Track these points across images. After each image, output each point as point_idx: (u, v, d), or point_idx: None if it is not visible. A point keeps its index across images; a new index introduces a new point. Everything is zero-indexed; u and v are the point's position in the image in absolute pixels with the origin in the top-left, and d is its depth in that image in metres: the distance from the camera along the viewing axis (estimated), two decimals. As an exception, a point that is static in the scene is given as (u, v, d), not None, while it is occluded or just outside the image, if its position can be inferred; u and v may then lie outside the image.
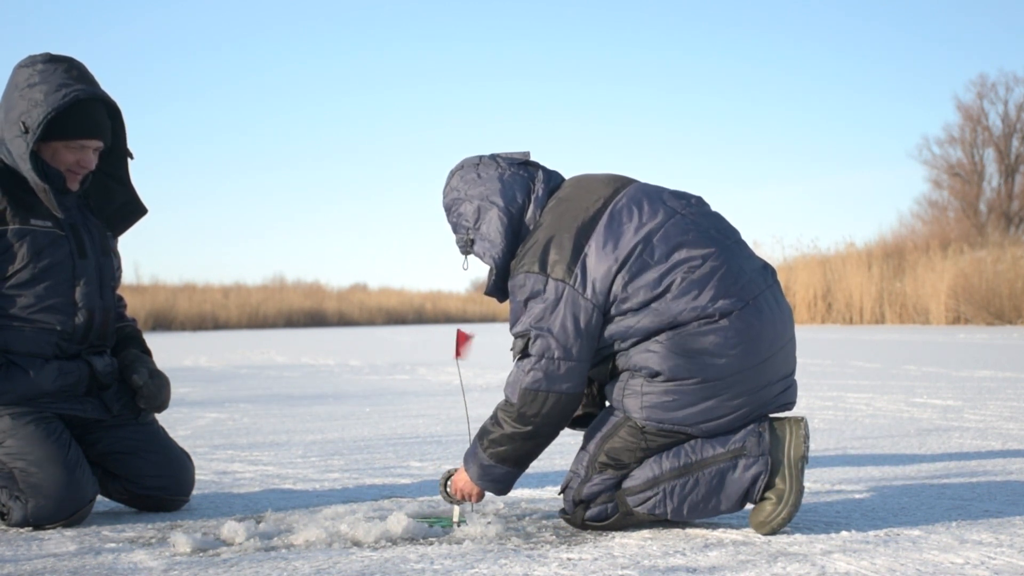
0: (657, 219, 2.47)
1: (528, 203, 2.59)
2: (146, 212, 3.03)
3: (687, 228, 2.47)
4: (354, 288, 39.30)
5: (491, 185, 2.59)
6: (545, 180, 2.62)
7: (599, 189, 2.54)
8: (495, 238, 2.57)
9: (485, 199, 2.59)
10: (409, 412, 5.76)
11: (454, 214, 2.64)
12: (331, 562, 2.22)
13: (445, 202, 2.67)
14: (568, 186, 2.61)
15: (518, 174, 2.62)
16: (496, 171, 2.61)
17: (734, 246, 2.50)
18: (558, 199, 2.56)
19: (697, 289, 2.39)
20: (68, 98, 2.72)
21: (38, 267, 2.77)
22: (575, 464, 2.54)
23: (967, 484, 3.17)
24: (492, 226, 2.57)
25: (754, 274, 2.48)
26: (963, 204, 34.78)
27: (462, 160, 2.69)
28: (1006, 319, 21.11)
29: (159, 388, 2.94)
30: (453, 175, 2.68)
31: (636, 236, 2.43)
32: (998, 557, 2.19)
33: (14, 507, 2.65)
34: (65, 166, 2.81)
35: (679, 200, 2.55)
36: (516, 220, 2.57)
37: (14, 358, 2.76)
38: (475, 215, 2.59)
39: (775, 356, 2.46)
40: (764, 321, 2.43)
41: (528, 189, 2.60)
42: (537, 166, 2.66)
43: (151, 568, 2.21)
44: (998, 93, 34.47)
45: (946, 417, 5.10)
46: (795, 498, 2.40)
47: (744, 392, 2.41)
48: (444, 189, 2.68)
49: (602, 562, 2.19)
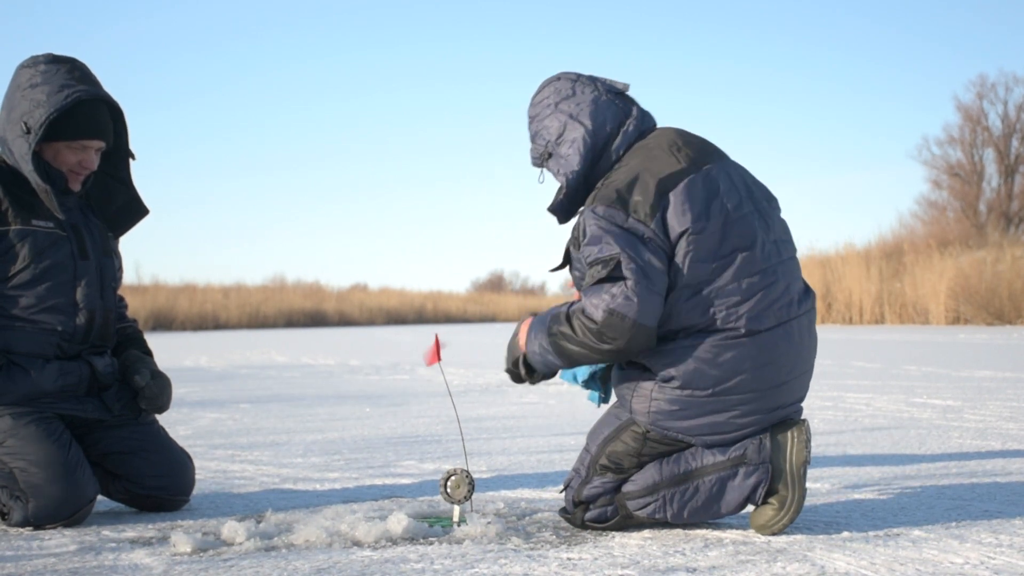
0: (737, 207, 2.40)
1: (616, 134, 2.50)
2: (148, 212, 3.03)
3: (755, 231, 2.40)
4: (354, 288, 39.32)
5: (584, 104, 2.52)
6: (639, 118, 2.54)
7: (691, 148, 2.46)
8: (574, 158, 2.50)
9: (574, 117, 2.51)
10: (409, 412, 5.76)
11: (537, 123, 2.57)
12: (331, 562, 2.22)
13: (531, 110, 2.60)
14: (660, 134, 2.51)
15: (614, 102, 2.53)
16: (592, 93, 2.53)
17: (789, 262, 2.46)
18: (648, 143, 2.48)
19: (739, 297, 2.35)
20: (70, 99, 2.72)
21: (39, 268, 2.77)
22: (577, 462, 2.54)
23: (967, 484, 3.17)
24: (574, 146, 2.50)
25: (796, 296, 2.44)
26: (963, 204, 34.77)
27: (560, 72, 2.60)
28: (1006, 319, 21.10)
29: (161, 389, 2.94)
30: (547, 85, 2.59)
31: (712, 214, 2.37)
32: (998, 557, 2.19)
33: (15, 507, 2.65)
34: (67, 167, 2.81)
35: (761, 194, 2.50)
36: (599, 146, 2.50)
37: (15, 358, 2.76)
38: (560, 130, 2.52)
39: (791, 382, 2.43)
40: (790, 346, 2.40)
41: (620, 121, 2.52)
42: (633, 102, 2.58)
43: (151, 568, 2.21)
44: (998, 93, 34.45)
45: (946, 417, 5.10)
46: (797, 504, 2.39)
47: (754, 412, 2.39)
48: (534, 96, 2.61)
49: (602, 562, 2.19)
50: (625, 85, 2.59)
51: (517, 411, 5.74)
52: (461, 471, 2.61)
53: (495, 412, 5.68)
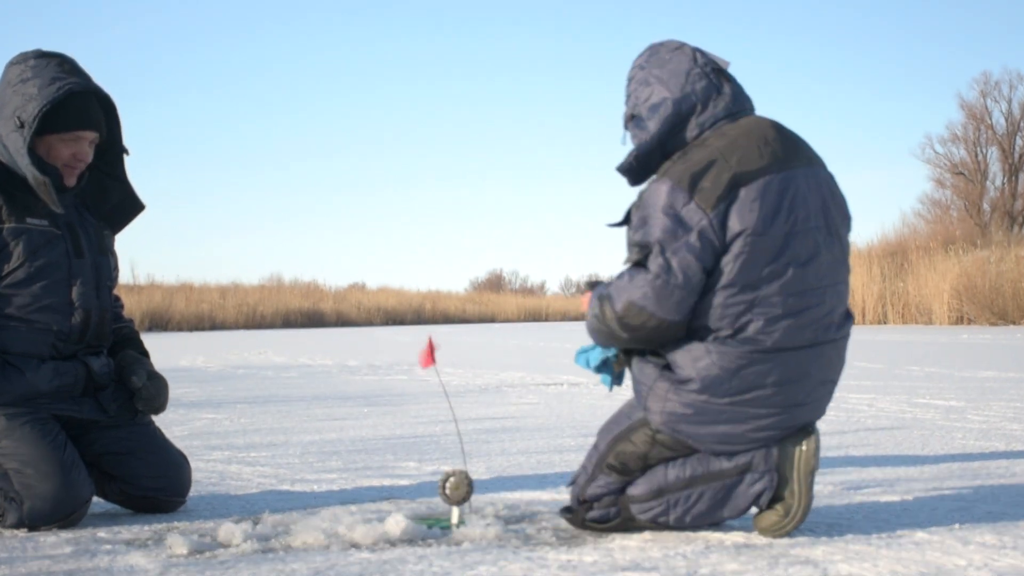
0: (805, 219, 2.35)
1: (702, 110, 2.45)
2: (144, 208, 3.01)
3: (816, 248, 2.35)
4: (352, 288, 39.31)
5: (676, 73, 2.47)
6: (733, 98, 2.47)
7: (780, 145, 2.39)
8: (653, 122, 2.46)
9: (663, 82, 2.47)
10: (407, 413, 5.74)
11: (632, 85, 2.55)
12: (329, 564, 2.20)
13: (629, 72, 2.57)
14: (753, 123, 2.44)
15: (707, 76, 2.47)
16: (687, 64, 2.48)
17: (840, 287, 2.41)
18: (737, 128, 2.41)
19: (780, 311, 2.30)
20: (62, 91, 2.70)
21: (34, 266, 2.75)
22: (586, 459, 2.52)
23: (970, 485, 3.15)
24: (656, 111, 2.46)
25: (836, 319, 2.40)
26: (966, 203, 34.78)
27: (668, 40, 2.57)
28: (1009, 319, 21.10)
29: (157, 390, 2.92)
30: (648, 50, 2.56)
31: (779, 221, 2.31)
32: (1001, 559, 2.17)
33: (9, 509, 2.63)
34: (61, 161, 2.79)
35: (838, 210, 2.44)
36: (681, 118, 2.45)
37: (10, 358, 2.74)
38: (648, 95, 2.49)
39: (813, 404, 2.40)
40: (819, 368, 2.37)
41: (709, 96, 2.45)
42: (731, 80, 2.52)
43: (147, 570, 2.19)
44: (1002, 91, 34.48)
45: (949, 418, 5.08)
46: (802, 513, 2.37)
47: (770, 428, 2.35)
48: (635, 60, 2.58)
49: (602, 564, 2.17)
50: (726, 62, 2.52)
51: (516, 411, 5.72)
52: (460, 472, 2.59)
53: (494, 413, 5.66)
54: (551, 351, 13.48)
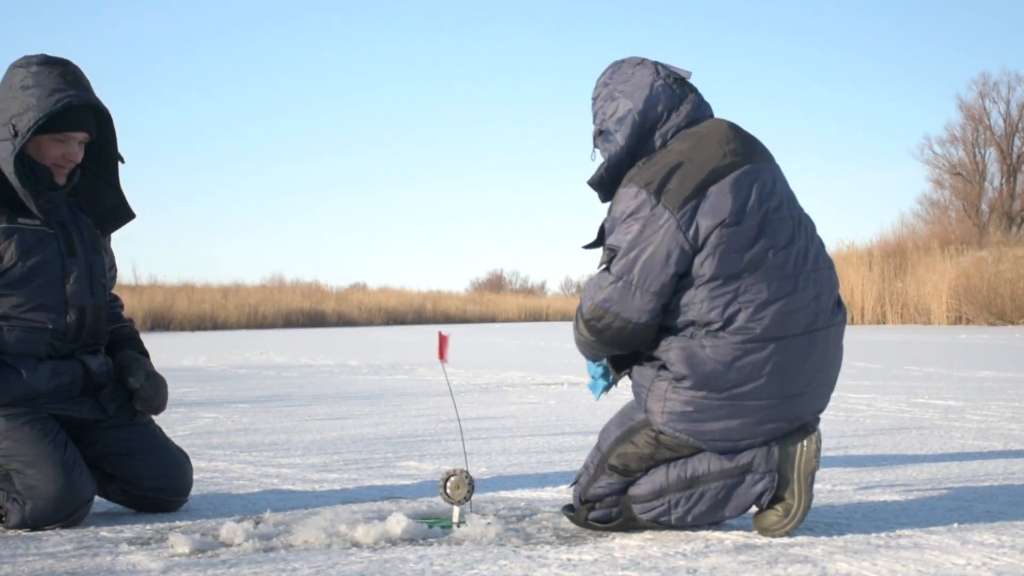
0: (777, 208, 2.39)
1: (667, 119, 2.50)
2: (134, 217, 3.02)
3: (792, 234, 2.39)
4: (353, 288, 39.31)
5: (640, 86, 2.52)
6: (694, 106, 2.52)
7: (742, 143, 2.45)
8: (620, 135, 2.50)
9: (627, 96, 2.52)
10: (408, 412, 5.75)
11: (597, 103, 2.59)
12: (330, 563, 2.21)
13: (593, 91, 2.62)
14: (712, 124, 2.50)
15: (671, 87, 2.52)
16: (651, 77, 2.53)
17: (824, 272, 2.43)
18: (699, 131, 2.47)
19: (766, 296, 2.33)
20: (60, 104, 2.72)
21: (27, 265, 2.75)
22: (589, 458, 2.53)
23: (969, 485, 3.16)
24: (622, 123, 2.50)
25: (824, 305, 2.41)
26: (965, 204, 34.79)
27: (630, 56, 2.62)
28: (1008, 319, 21.10)
29: (156, 390, 2.93)
30: (610, 67, 2.61)
31: (752, 209, 2.35)
32: (1000, 558, 2.18)
33: (11, 509, 2.64)
34: (51, 160, 2.80)
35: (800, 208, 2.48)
36: (647, 128, 2.49)
37: (7, 358, 2.74)
38: (613, 110, 2.53)
39: (811, 393, 2.40)
40: (814, 356, 2.38)
41: (673, 106, 2.50)
42: (693, 89, 2.57)
43: (150, 569, 2.20)
44: (1000, 92, 34.49)
45: (947, 417, 5.09)
46: (802, 513, 2.38)
47: (769, 420, 2.36)
48: (598, 79, 2.62)
49: (602, 563, 2.18)
50: (688, 72, 2.57)
51: (517, 411, 5.73)
52: (461, 471, 2.59)
53: (495, 412, 5.67)
54: (552, 351, 13.48)
